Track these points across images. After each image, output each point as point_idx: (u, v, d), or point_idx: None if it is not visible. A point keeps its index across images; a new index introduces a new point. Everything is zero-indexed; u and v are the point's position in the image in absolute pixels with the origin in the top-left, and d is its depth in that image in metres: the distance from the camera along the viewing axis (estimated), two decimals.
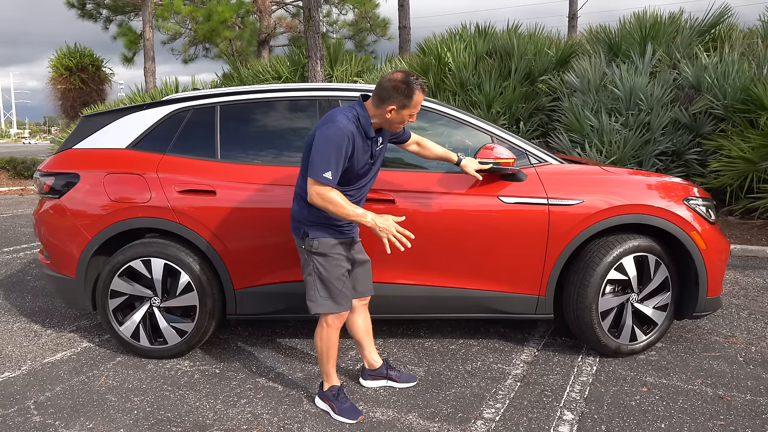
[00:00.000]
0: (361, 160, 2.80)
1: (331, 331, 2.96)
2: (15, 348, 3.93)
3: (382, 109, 2.74)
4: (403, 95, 2.69)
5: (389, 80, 2.71)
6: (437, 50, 10.39)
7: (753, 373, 3.45)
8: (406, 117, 2.78)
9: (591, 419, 2.94)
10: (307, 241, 2.85)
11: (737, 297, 4.93)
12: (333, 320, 2.94)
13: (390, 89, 2.69)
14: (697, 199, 3.65)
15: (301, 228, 2.88)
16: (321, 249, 2.84)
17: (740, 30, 9.23)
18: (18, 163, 15.62)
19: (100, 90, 21.93)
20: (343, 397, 3.01)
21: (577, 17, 17.69)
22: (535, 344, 3.90)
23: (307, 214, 2.85)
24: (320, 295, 2.89)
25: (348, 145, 2.67)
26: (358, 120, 2.74)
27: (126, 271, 3.57)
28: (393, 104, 2.71)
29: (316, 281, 2.88)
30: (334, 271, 2.88)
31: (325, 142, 2.64)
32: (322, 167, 2.63)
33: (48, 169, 3.79)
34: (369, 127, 2.77)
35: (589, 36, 10.31)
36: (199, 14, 18.99)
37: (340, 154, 2.65)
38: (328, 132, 2.66)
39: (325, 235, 2.85)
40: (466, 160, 3.37)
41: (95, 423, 2.94)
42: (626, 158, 7.60)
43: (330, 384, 3.04)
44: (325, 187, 2.65)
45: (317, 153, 2.65)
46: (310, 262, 2.88)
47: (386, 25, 22.07)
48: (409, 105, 2.72)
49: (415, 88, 2.70)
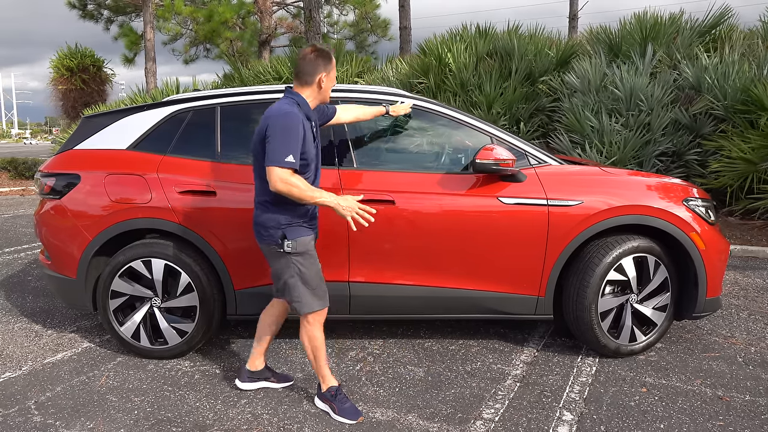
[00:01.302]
0: (310, 143, 2.88)
1: (315, 328, 2.97)
2: (16, 348, 3.94)
3: (314, 84, 2.90)
4: (325, 60, 2.91)
5: (307, 56, 2.89)
6: (438, 51, 10.40)
7: (752, 373, 3.45)
8: (334, 80, 3.00)
9: (590, 420, 2.94)
10: (285, 243, 2.85)
11: (737, 297, 4.93)
12: (314, 317, 2.96)
13: (313, 62, 2.88)
14: (696, 200, 3.66)
15: (275, 233, 2.86)
16: (299, 248, 2.87)
17: (741, 31, 9.23)
18: (19, 163, 15.64)
19: (101, 90, 21.96)
20: (342, 397, 3.02)
21: (577, 18, 17.69)
22: (534, 345, 3.91)
23: (280, 217, 2.86)
24: (305, 294, 2.90)
25: (301, 129, 2.76)
26: (298, 105, 2.86)
27: (126, 272, 3.58)
28: (321, 72, 2.89)
29: (298, 282, 2.89)
30: (313, 268, 2.92)
31: (282, 129, 2.72)
32: (283, 152, 2.69)
33: (49, 170, 3.80)
34: (308, 108, 2.92)
35: (590, 36, 10.32)
36: (200, 15, 19.01)
37: (298, 138, 2.74)
38: (281, 119, 2.74)
39: (301, 234, 2.88)
40: (392, 107, 3.65)
41: (96, 423, 2.95)
42: (626, 159, 7.60)
43: (328, 385, 3.05)
44: (287, 170, 2.70)
45: (275, 141, 2.71)
46: (290, 264, 2.88)
47: (387, 25, 22.10)
48: (332, 68, 2.95)
49: (330, 51, 2.96)
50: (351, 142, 3.64)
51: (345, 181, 3.51)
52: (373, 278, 3.55)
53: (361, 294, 3.57)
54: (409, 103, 3.71)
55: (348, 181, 3.51)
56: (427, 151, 4.18)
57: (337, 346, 3.91)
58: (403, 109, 3.68)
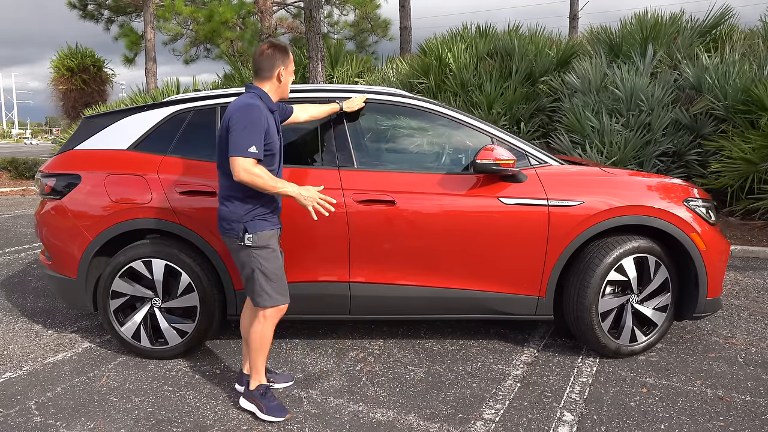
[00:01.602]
0: (274, 136, 2.93)
1: (268, 325, 2.99)
2: (16, 348, 3.94)
3: (274, 78, 2.95)
4: (282, 55, 2.95)
5: (265, 52, 2.94)
6: (438, 51, 10.40)
7: (753, 374, 3.45)
8: (292, 74, 3.03)
9: (591, 420, 2.94)
10: (246, 237, 2.88)
11: (738, 298, 4.93)
12: (272, 313, 2.97)
13: (271, 57, 2.93)
14: (697, 200, 3.66)
15: (237, 227, 2.90)
16: (260, 242, 2.89)
17: (741, 31, 9.23)
18: (20, 163, 15.65)
19: (101, 91, 21.98)
20: (270, 396, 3.02)
21: (578, 18, 17.69)
22: (535, 345, 3.91)
23: (242, 211, 2.89)
24: (266, 288, 2.92)
25: (264, 120, 2.81)
26: (261, 98, 2.91)
27: (127, 272, 3.58)
28: (279, 66, 2.94)
29: (259, 276, 2.91)
30: (275, 263, 2.94)
31: (244, 120, 2.77)
32: (246, 143, 2.74)
33: (49, 170, 3.81)
34: (270, 102, 2.97)
35: (590, 37, 10.33)
36: (200, 15, 19.00)
37: (261, 129, 2.79)
38: (244, 111, 2.79)
39: (263, 228, 2.90)
40: (346, 104, 3.63)
41: (96, 423, 2.95)
42: (627, 159, 7.60)
43: (258, 382, 3.05)
44: (250, 160, 2.74)
45: (237, 132, 2.75)
46: (251, 258, 2.91)
47: (387, 25, 22.07)
48: (289, 62, 2.99)
49: (287, 45, 3.02)
50: (351, 143, 3.63)
51: (345, 182, 3.51)
52: (374, 279, 3.55)
53: (362, 294, 3.57)
54: (362, 98, 3.70)
55: (348, 182, 3.51)
56: (428, 151, 4.20)
57: (338, 346, 3.91)
58: (357, 104, 3.66)
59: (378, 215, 3.49)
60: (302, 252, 3.54)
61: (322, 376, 3.46)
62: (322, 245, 3.53)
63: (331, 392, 3.27)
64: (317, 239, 3.51)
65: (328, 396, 3.22)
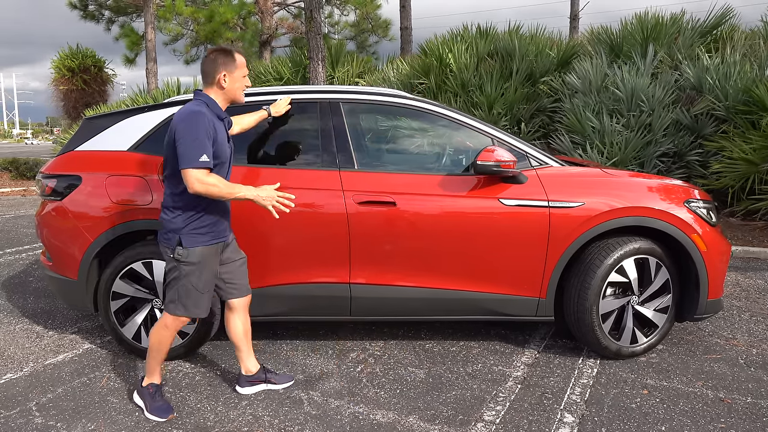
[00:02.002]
0: (224, 143, 2.90)
1: (169, 333, 3.02)
2: (17, 349, 3.94)
3: (216, 84, 2.89)
4: (224, 59, 2.88)
5: (207, 57, 2.92)
6: (439, 51, 10.40)
7: (754, 375, 3.45)
8: (241, 79, 2.95)
9: (591, 422, 2.94)
10: (177, 250, 2.86)
11: (739, 299, 4.92)
12: (173, 322, 3.00)
13: (213, 62, 2.88)
14: (697, 202, 3.65)
15: (173, 237, 2.88)
16: (190, 258, 2.87)
17: (742, 31, 9.22)
18: (21, 163, 15.65)
19: (102, 91, 21.99)
20: (158, 396, 3.06)
21: (578, 18, 17.68)
22: (535, 346, 3.91)
23: (180, 222, 2.86)
24: (183, 301, 2.93)
25: (210, 128, 2.77)
26: (207, 105, 2.86)
27: (128, 273, 3.58)
28: (222, 71, 2.87)
29: (181, 289, 2.92)
30: (200, 279, 2.92)
31: (190, 130, 2.73)
32: (197, 153, 2.71)
33: (50, 172, 3.81)
34: (218, 109, 2.91)
35: (591, 37, 10.32)
36: (200, 15, 19.03)
37: (208, 137, 2.75)
38: (188, 120, 2.75)
39: (198, 243, 2.87)
40: (273, 107, 3.61)
41: (97, 425, 2.95)
42: (628, 160, 7.60)
43: (150, 381, 3.09)
44: (203, 170, 2.72)
45: (185, 143, 2.72)
46: (179, 270, 2.90)
47: (388, 26, 22.10)
48: (235, 65, 2.90)
49: (232, 50, 2.92)
50: (351, 144, 3.63)
51: (346, 183, 3.51)
52: (374, 280, 3.55)
53: (362, 296, 3.56)
54: (287, 98, 3.68)
55: (349, 183, 3.51)
56: (428, 152, 4.19)
57: (339, 347, 3.91)
58: (284, 106, 3.64)
59: (378, 216, 3.49)
60: (302, 253, 3.53)
61: (323, 378, 3.46)
62: (323, 247, 3.52)
63: (332, 393, 3.27)
64: (317, 241, 3.51)
65: (328, 397, 3.22)
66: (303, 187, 3.51)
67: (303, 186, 3.51)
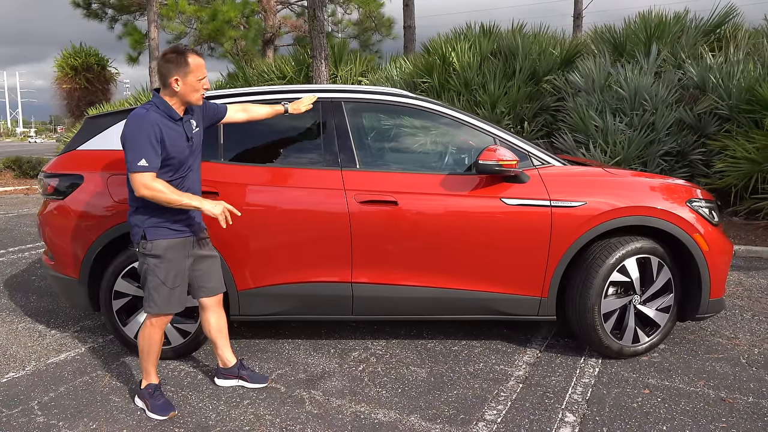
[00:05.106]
0: (178, 144, 2.88)
1: (154, 331, 3.03)
2: (19, 348, 3.95)
3: (170, 87, 2.83)
4: (177, 62, 2.81)
5: (161, 59, 2.87)
6: (442, 50, 10.38)
7: (756, 375, 3.44)
8: (196, 83, 2.86)
9: (593, 421, 2.94)
10: (141, 243, 2.90)
11: (741, 298, 4.91)
12: (156, 321, 3.02)
13: (164, 65, 2.83)
14: (700, 201, 3.64)
15: (137, 231, 2.91)
16: (154, 251, 2.89)
17: (746, 30, 9.18)
18: (23, 162, 15.69)
19: (105, 89, 21.98)
20: (158, 395, 3.07)
21: (581, 17, 17.65)
22: (537, 346, 3.90)
23: (142, 216, 2.90)
24: (153, 297, 2.95)
25: (154, 131, 2.75)
26: (157, 107, 2.84)
27: (130, 272, 3.58)
28: (174, 75, 2.81)
29: (149, 283, 2.94)
30: (169, 273, 2.94)
31: (131, 134, 2.75)
32: (136, 158, 2.72)
33: (52, 171, 3.81)
34: (171, 110, 2.87)
35: (594, 36, 10.28)
36: (203, 14, 19.02)
37: (149, 140, 2.73)
38: (129, 125, 2.77)
39: (160, 236, 2.90)
40: (291, 106, 3.52)
41: (98, 424, 2.96)
42: (631, 159, 7.58)
43: (148, 382, 3.10)
44: (146, 174, 2.73)
45: (127, 148, 2.75)
46: (146, 264, 2.93)
47: (391, 24, 22.05)
48: (188, 70, 2.82)
49: (186, 53, 2.84)
50: (353, 143, 3.63)
51: (348, 182, 3.51)
52: (376, 279, 3.55)
53: (365, 295, 3.57)
54: (311, 98, 3.59)
55: (351, 182, 3.51)
56: (430, 151, 4.19)
57: (340, 346, 3.91)
58: (305, 106, 3.55)
59: (380, 216, 3.49)
60: (305, 253, 3.54)
61: (325, 377, 3.46)
62: (325, 246, 3.52)
63: (334, 393, 3.27)
64: (319, 240, 3.51)
65: (330, 396, 3.23)
66: (305, 186, 3.51)
67: (305, 185, 3.52)
